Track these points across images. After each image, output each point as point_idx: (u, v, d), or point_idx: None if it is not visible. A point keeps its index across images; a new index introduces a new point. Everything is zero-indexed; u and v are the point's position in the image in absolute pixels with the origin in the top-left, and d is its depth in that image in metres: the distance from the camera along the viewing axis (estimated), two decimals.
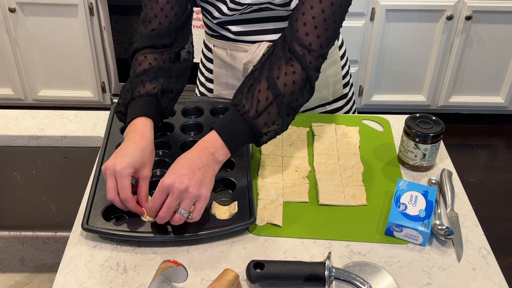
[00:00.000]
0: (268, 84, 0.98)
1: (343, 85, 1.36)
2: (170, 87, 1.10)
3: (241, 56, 1.24)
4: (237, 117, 0.98)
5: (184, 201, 0.90)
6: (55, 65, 2.77)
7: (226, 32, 1.22)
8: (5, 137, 1.25)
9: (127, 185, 0.93)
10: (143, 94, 1.06)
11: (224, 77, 1.31)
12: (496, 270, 0.93)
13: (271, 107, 0.98)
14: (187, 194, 0.90)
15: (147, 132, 1.01)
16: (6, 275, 1.28)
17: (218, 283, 0.82)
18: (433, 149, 1.11)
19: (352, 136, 1.23)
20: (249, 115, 0.98)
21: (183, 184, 0.89)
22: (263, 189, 1.08)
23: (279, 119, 1.00)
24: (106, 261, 0.94)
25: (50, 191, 1.33)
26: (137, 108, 1.04)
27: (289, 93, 0.99)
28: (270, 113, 0.98)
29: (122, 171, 0.93)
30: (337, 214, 1.04)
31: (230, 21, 1.19)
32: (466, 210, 1.06)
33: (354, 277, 0.88)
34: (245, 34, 1.21)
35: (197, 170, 0.92)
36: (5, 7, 2.56)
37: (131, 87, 1.07)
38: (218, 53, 1.28)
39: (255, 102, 0.98)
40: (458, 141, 2.90)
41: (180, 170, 0.91)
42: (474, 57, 2.72)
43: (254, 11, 1.16)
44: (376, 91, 2.84)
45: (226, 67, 1.29)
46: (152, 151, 1.00)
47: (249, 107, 0.98)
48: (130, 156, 0.95)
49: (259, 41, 1.21)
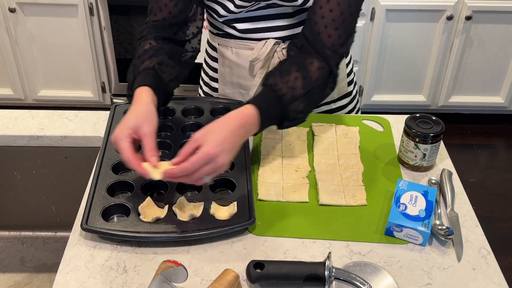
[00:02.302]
0: (302, 75, 1.02)
1: (348, 83, 1.36)
2: (169, 63, 1.13)
3: (247, 54, 1.24)
4: (275, 98, 1.01)
5: (215, 172, 0.93)
6: (55, 65, 2.77)
7: (232, 30, 1.23)
8: (5, 137, 1.25)
9: (126, 147, 0.95)
10: (141, 70, 1.09)
11: (229, 76, 1.31)
12: (496, 270, 0.93)
13: (304, 97, 1.03)
14: (220, 168, 0.93)
15: (143, 97, 1.04)
16: (6, 275, 1.28)
17: (218, 283, 0.82)
18: (433, 149, 1.11)
19: (352, 136, 1.23)
20: (286, 99, 1.01)
21: (225, 161, 0.93)
22: (263, 189, 1.08)
23: (305, 109, 1.05)
24: (106, 261, 0.93)
25: (50, 191, 1.33)
26: (137, 83, 1.08)
27: (317, 87, 1.04)
28: (301, 102, 1.03)
29: (119, 134, 0.97)
30: (337, 214, 1.03)
31: (236, 19, 1.20)
32: (466, 210, 1.06)
33: (354, 277, 0.88)
34: (251, 32, 1.21)
35: (235, 147, 0.96)
36: (5, 7, 2.55)
37: (133, 68, 1.11)
38: (223, 52, 1.28)
39: (290, 87, 1.02)
40: (458, 141, 2.90)
41: (225, 144, 0.93)
42: (474, 57, 2.72)
43: (260, 8, 1.17)
44: (376, 91, 2.84)
45: (231, 66, 1.29)
46: (149, 111, 1.01)
47: (286, 91, 1.01)
48: (126, 120, 0.99)
49: (265, 38, 1.22)
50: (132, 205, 1.00)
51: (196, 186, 1.06)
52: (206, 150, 0.91)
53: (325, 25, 1.04)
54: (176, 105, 1.27)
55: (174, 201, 1.00)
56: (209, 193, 1.04)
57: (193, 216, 0.98)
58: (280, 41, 1.21)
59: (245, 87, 1.30)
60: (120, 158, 1.11)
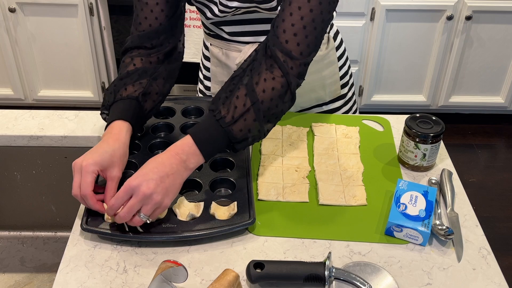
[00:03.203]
0: (246, 90, 0.96)
1: (342, 86, 1.36)
2: (154, 89, 1.10)
3: (235, 56, 1.24)
4: (213, 123, 0.96)
5: (146, 206, 0.90)
6: (55, 65, 2.77)
7: (221, 32, 1.23)
8: (5, 137, 1.25)
9: (89, 182, 0.93)
10: (124, 97, 1.06)
11: (220, 76, 1.31)
12: (496, 270, 0.93)
13: (248, 113, 0.96)
14: (150, 200, 0.90)
15: (122, 135, 1.02)
16: (6, 275, 1.28)
17: (219, 283, 0.82)
18: (433, 149, 1.11)
19: (352, 136, 1.23)
20: (225, 121, 0.96)
21: (149, 190, 0.89)
22: (263, 189, 1.08)
23: (256, 126, 0.97)
24: (106, 261, 0.93)
25: (50, 191, 1.33)
26: (117, 111, 1.05)
27: (268, 99, 0.96)
28: (246, 120, 0.96)
29: (87, 167, 0.94)
30: (337, 214, 1.03)
31: (223, 21, 1.20)
32: (466, 210, 1.06)
33: (354, 277, 0.88)
34: (238, 35, 1.22)
35: (166, 177, 0.91)
36: (5, 7, 2.56)
37: (114, 90, 1.08)
38: (215, 52, 1.29)
39: (232, 108, 0.96)
40: (458, 141, 2.90)
41: (149, 174, 0.90)
42: (474, 57, 2.72)
43: (246, 13, 1.16)
44: (376, 91, 2.84)
45: (222, 66, 1.29)
46: (124, 154, 1.00)
47: (225, 112, 0.96)
48: (98, 154, 0.96)
49: (252, 42, 1.22)
50: None
51: (196, 186, 1.06)
52: (127, 183, 0.90)
53: (295, 33, 0.95)
54: (176, 105, 1.27)
55: (174, 201, 1.00)
56: (209, 193, 1.04)
57: (193, 216, 0.98)
58: None
59: None
60: None
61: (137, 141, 1.16)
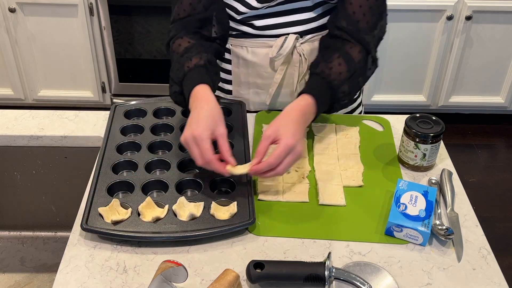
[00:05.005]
0: (345, 59, 1.11)
1: None
2: (213, 60, 1.17)
3: (264, 52, 1.24)
4: (325, 85, 1.11)
5: (295, 162, 1.01)
6: (55, 65, 2.77)
7: (248, 28, 1.23)
8: (5, 137, 1.25)
9: (209, 147, 0.98)
10: (192, 68, 1.12)
11: (244, 76, 1.30)
12: (496, 270, 0.93)
13: (349, 79, 1.12)
14: (299, 157, 1.01)
15: (209, 95, 1.06)
16: (6, 275, 1.28)
17: (219, 284, 0.82)
18: (433, 149, 1.11)
19: (352, 136, 1.23)
20: (335, 83, 1.10)
21: (301, 148, 1.01)
22: (263, 189, 1.08)
23: (351, 91, 1.15)
24: (106, 261, 0.93)
25: (50, 191, 1.33)
26: (193, 80, 1.10)
27: (360, 69, 1.14)
28: (347, 85, 1.12)
29: (201, 135, 0.98)
30: (337, 214, 1.03)
31: (255, 16, 1.20)
32: (466, 210, 1.06)
33: (354, 277, 0.88)
34: (269, 28, 1.22)
35: (303, 136, 1.10)
36: (5, 7, 2.55)
37: (180, 66, 1.13)
38: (237, 52, 1.27)
39: (337, 73, 1.10)
40: (458, 141, 2.90)
41: (297, 134, 1.00)
42: (474, 57, 2.72)
43: (279, 4, 1.18)
44: (376, 91, 2.83)
45: (246, 66, 1.28)
46: (219, 110, 1.04)
47: (333, 76, 1.10)
48: (202, 120, 1.00)
49: (282, 34, 1.22)
50: (132, 205, 1.00)
51: (196, 186, 1.06)
52: (285, 142, 0.98)
53: (364, 13, 1.13)
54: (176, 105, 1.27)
55: (174, 201, 1.00)
56: (209, 193, 1.04)
57: (193, 216, 0.98)
58: (299, 36, 1.22)
59: (261, 86, 1.29)
60: (119, 158, 1.12)
61: (137, 141, 1.16)
